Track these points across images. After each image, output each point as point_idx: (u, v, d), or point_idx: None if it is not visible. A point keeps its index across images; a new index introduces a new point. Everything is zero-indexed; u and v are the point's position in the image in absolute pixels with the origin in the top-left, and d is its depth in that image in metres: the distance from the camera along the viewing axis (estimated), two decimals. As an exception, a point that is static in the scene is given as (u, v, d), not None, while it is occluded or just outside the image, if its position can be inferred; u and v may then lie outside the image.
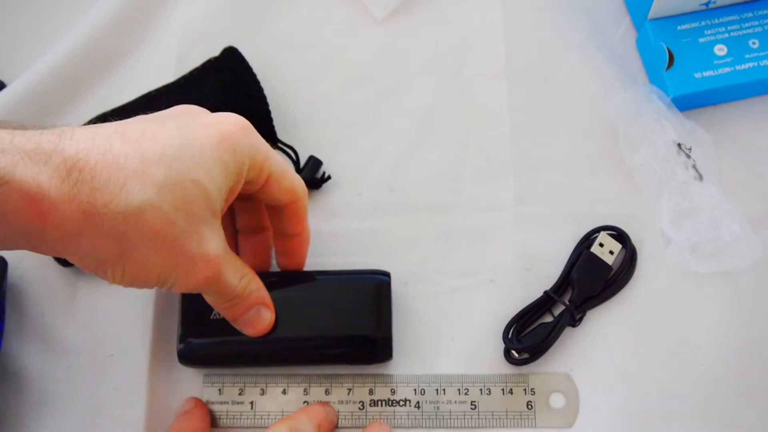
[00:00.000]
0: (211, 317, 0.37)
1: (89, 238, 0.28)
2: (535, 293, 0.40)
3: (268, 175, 0.33)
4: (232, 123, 0.32)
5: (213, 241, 0.31)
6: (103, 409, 0.39)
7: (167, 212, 0.29)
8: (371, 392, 0.39)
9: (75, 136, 0.28)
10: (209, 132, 0.31)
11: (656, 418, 0.38)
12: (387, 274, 0.39)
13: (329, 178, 0.42)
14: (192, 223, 0.30)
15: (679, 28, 0.42)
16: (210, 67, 0.43)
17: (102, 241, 0.28)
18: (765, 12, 0.42)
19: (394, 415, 0.38)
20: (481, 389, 0.39)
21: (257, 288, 0.35)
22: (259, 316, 0.36)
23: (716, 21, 0.42)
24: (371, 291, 0.38)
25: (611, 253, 0.40)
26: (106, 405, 0.39)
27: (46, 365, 0.40)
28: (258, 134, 0.33)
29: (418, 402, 0.39)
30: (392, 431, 0.38)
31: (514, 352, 0.39)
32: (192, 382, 0.40)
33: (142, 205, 0.28)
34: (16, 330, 0.41)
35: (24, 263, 0.42)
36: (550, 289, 0.40)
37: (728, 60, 0.41)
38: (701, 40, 0.42)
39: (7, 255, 0.41)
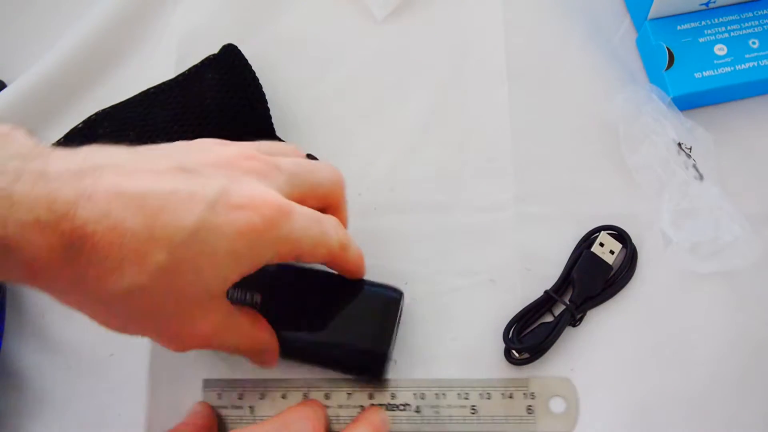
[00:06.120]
0: None
1: (78, 300, 0.29)
2: (535, 293, 0.40)
3: (297, 255, 0.32)
4: (262, 214, 0.30)
5: (204, 320, 0.31)
6: (103, 409, 0.39)
7: (157, 296, 0.28)
8: (371, 396, 0.39)
9: (94, 198, 0.27)
10: (233, 218, 0.29)
11: (656, 418, 0.38)
12: (400, 292, 0.38)
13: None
14: (181, 305, 0.30)
15: (679, 28, 0.42)
16: (209, 64, 0.43)
17: (91, 305, 0.29)
18: (765, 12, 0.42)
19: (393, 420, 0.38)
20: (481, 393, 0.39)
21: (263, 347, 0.35)
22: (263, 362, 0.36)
23: (716, 21, 0.42)
24: (378, 304, 0.37)
25: (611, 252, 0.40)
26: (106, 405, 0.39)
27: (46, 365, 0.40)
28: (294, 221, 0.31)
29: (418, 406, 0.39)
30: (387, 419, 0.38)
31: (514, 351, 0.39)
32: (192, 382, 0.40)
33: (131, 288, 0.28)
34: (16, 330, 0.41)
35: (24, 263, 0.42)
36: (551, 288, 0.40)
37: (728, 60, 0.41)
38: (701, 39, 0.42)
39: (7, 255, 0.41)
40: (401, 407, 0.39)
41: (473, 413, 0.38)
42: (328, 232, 0.33)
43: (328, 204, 0.36)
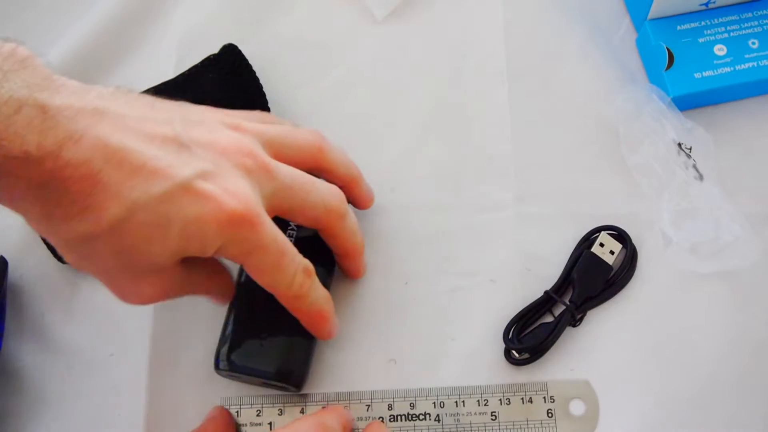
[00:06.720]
0: None
1: (44, 231, 0.30)
2: (535, 293, 0.40)
3: (242, 263, 0.32)
4: (225, 211, 0.29)
5: (151, 285, 0.31)
6: (103, 409, 0.39)
7: (106, 250, 0.29)
8: (390, 407, 0.39)
9: (80, 142, 0.27)
10: (197, 203, 0.29)
11: (655, 417, 0.38)
12: None
13: None
14: (128, 267, 0.30)
15: (679, 28, 0.42)
16: (209, 64, 0.42)
17: (53, 238, 0.30)
18: (765, 12, 0.42)
19: (414, 430, 0.38)
20: (500, 399, 0.39)
21: (219, 296, 0.37)
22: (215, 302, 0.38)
23: (716, 21, 0.42)
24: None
25: (612, 253, 0.40)
26: (106, 405, 0.39)
27: (45, 365, 0.40)
28: (255, 234, 0.30)
29: (438, 415, 0.38)
30: None
31: (514, 352, 0.39)
32: (192, 382, 0.40)
33: (86, 235, 0.28)
34: (16, 330, 0.41)
35: (24, 263, 0.41)
36: (551, 289, 0.40)
37: (728, 60, 0.41)
38: (701, 40, 0.42)
39: (7, 255, 0.41)
40: (421, 417, 0.38)
41: (493, 419, 0.38)
42: (286, 270, 0.32)
43: (320, 228, 0.36)
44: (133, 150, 0.28)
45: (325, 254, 0.38)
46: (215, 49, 0.43)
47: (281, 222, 0.34)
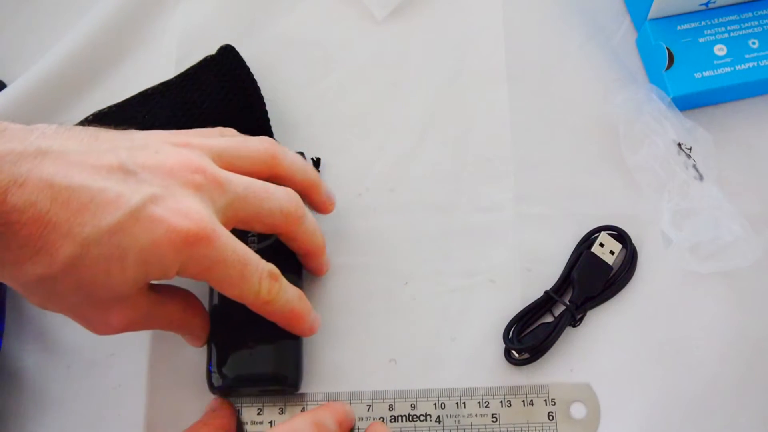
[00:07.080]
0: None
1: (1, 276, 0.29)
2: (535, 293, 0.40)
3: (206, 280, 0.32)
4: (179, 232, 0.29)
5: (118, 314, 0.31)
6: (103, 409, 0.39)
7: (66, 287, 0.29)
8: (391, 408, 0.39)
9: (25, 185, 0.27)
10: (150, 228, 0.29)
11: (655, 418, 0.38)
12: None
13: (318, 161, 0.43)
14: (91, 300, 0.30)
15: (679, 28, 0.42)
16: (207, 65, 0.42)
17: (11, 283, 0.30)
18: (765, 12, 0.42)
19: (415, 431, 0.38)
20: (501, 401, 0.39)
21: (193, 330, 0.37)
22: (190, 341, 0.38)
23: (716, 21, 0.42)
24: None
25: (612, 253, 0.40)
26: (106, 405, 0.39)
27: (46, 365, 0.40)
28: (212, 249, 0.30)
29: (438, 416, 0.38)
30: None
31: (514, 352, 0.39)
32: (191, 382, 0.39)
33: (42, 276, 0.28)
34: (16, 330, 0.41)
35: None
36: (551, 289, 0.40)
37: (728, 60, 0.41)
38: (701, 40, 0.42)
39: (7, 255, 0.41)
40: (422, 418, 0.38)
41: (494, 421, 0.38)
42: (250, 278, 0.32)
43: (279, 234, 0.36)
44: (79, 186, 0.28)
45: (291, 256, 0.38)
46: (215, 50, 0.43)
47: (240, 232, 0.34)
